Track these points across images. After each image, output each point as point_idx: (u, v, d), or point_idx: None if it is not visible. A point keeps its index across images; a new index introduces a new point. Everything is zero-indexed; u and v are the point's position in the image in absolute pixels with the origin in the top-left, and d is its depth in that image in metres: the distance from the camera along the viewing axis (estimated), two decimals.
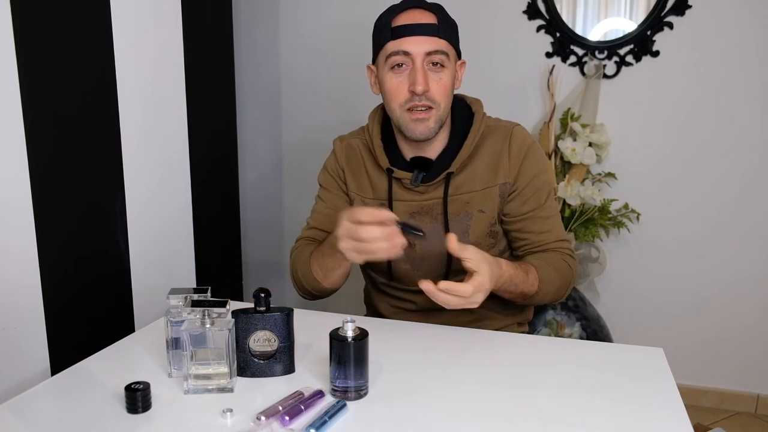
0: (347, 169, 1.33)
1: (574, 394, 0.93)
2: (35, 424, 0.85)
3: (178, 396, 0.92)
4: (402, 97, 1.18)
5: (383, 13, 1.21)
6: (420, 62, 1.15)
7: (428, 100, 1.17)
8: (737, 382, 2.23)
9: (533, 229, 1.25)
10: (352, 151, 1.33)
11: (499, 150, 1.24)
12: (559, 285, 1.23)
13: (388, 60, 1.18)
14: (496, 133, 1.26)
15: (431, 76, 1.17)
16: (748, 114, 2.05)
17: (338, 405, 0.87)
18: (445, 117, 1.21)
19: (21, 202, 1.28)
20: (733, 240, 2.13)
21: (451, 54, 1.19)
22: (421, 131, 1.19)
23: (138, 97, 1.56)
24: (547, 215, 1.26)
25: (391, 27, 1.17)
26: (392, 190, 1.27)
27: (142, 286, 1.62)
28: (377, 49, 1.21)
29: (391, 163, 1.26)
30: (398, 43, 1.16)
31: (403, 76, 1.17)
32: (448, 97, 1.20)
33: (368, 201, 1.30)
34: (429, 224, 1.25)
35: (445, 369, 1.01)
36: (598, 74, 2.08)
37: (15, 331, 1.29)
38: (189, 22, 1.72)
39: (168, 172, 1.71)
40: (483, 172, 1.24)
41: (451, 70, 1.20)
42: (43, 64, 1.30)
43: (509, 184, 1.24)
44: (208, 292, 0.99)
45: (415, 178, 1.24)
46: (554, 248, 1.26)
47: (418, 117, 1.17)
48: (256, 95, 2.50)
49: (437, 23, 1.16)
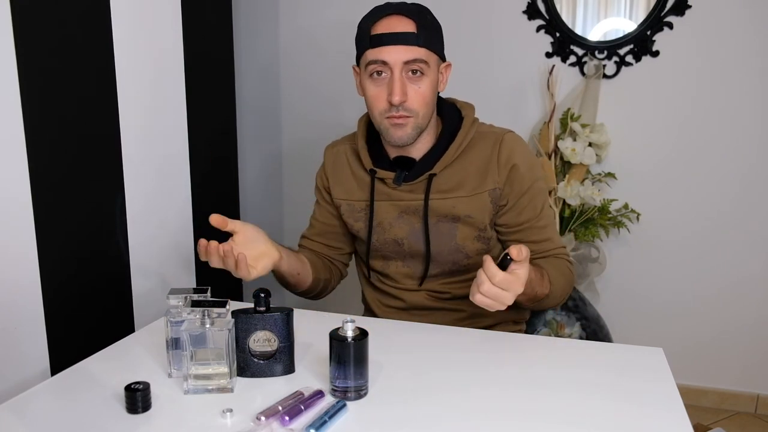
0: (332, 177, 1.36)
1: (573, 394, 0.93)
2: (35, 424, 0.85)
3: (178, 396, 0.92)
4: (381, 106, 1.19)
5: (364, 17, 1.21)
6: (398, 72, 1.15)
7: (405, 110, 1.18)
8: (737, 382, 2.23)
9: (532, 239, 1.26)
10: (339, 157, 1.36)
11: (488, 155, 1.25)
12: (565, 288, 1.25)
13: (367, 67, 1.19)
14: (486, 139, 1.26)
15: (409, 85, 1.17)
16: (748, 114, 2.05)
17: (338, 405, 0.87)
18: (424, 124, 1.22)
19: (21, 202, 1.28)
20: (733, 240, 2.13)
21: (431, 60, 1.19)
22: (399, 136, 1.20)
23: (138, 97, 1.56)
24: (544, 224, 1.28)
25: (369, 35, 1.17)
26: (375, 191, 1.29)
27: (142, 286, 1.62)
28: (359, 54, 1.23)
29: (376, 164, 1.28)
30: (376, 52, 1.16)
31: (382, 84, 1.18)
32: (427, 105, 1.20)
33: (355, 203, 1.32)
34: (415, 224, 1.27)
35: (445, 369, 1.01)
36: (597, 74, 2.08)
37: (15, 331, 1.29)
38: (189, 22, 1.72)
39: (168, 172, 1.71)
40: (472, 178, 1.25)
41: (432, 76, 1.20)
42: (43, 64, 1.30)
43: (499, 189, 1.24)
44: (208, 292, 0.99)
45: (398, 178, 1.25)
46: (556, 255, 1.27)
47: (396, 122, 1.19)
48: (256, 95, 2.50)
49: (416, 31, 1.16)
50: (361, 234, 1.33)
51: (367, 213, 1.31)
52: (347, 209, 1.34)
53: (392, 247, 1.31)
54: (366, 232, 1.32)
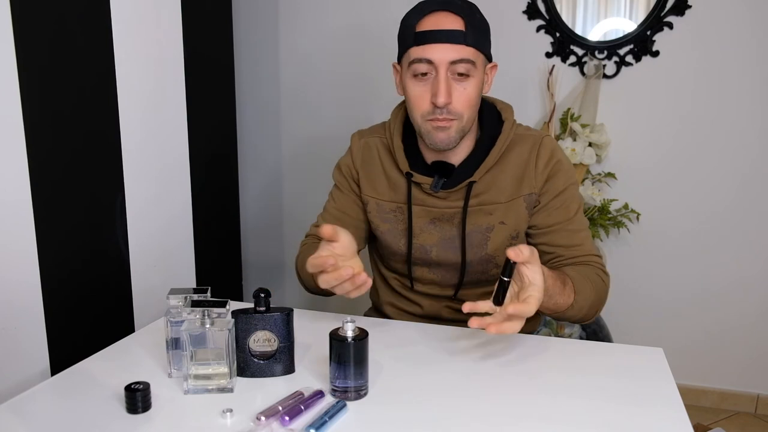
0: (362, 171, 1.29)
1: (573, 393, 0.93)
2: (35, 424, 0.85)
3: (178, 396, 0.92)
4: (424, 107, 1.13)
5: (410, 12, 1.14)
6: (444, 72, 1.09)
7: (450, 113, 1.11)
8: (737, 382, 2.23)
9: (562, 243, 1.20)
10: (369, 150, 1.29)
11: (526, 160, 1.20)
12: (594, 300, 1.15)
13: (410, 66, 1.12)
14: (524, 142, 1.21)
15: (455, 86, 1.11)
16: (747, 114, 2.05)
17: (338, 405, 0.87)
18: (468, 127, 1.16)
19: (21, 202, 1.28)
20: (733, 240, 2.13)
21: (478, 61, 1.13)
22: (442, 139, 1.14)
23: (138, 97, 1.56)
24: (577, 228, 1.20)
25: (415, 31, 1.10)
26: (411, 195, 1.23)
27: (142, 286, 1.62)
28: (401, 51, 1.16)
29: (412, 167, 1.22)
30: (421, 50, 1.10)
31: (425, 85, 1.12)
32: (472, 108, 1.15)
33: (384, 204, 1.27)
34: (448, 232, 1.23)
35: (445, 369, 1.01)
36: (597, 74, 2.08)
37: (15, 330, 1.29)
38: (189, 22, 1.72)
39: (168, 171, 1.71)
40: (509, 184, 1.20)
41: (478, 77, 1.14)
42: (42, 64, 1.30)
43: (535, 195, 1.20)
44: (208, 292, 0.99)
45: (435, 184, 1.19)
46: (586, 262, 1.19)
47: (439, 125, 1.12)
48: (256, 95, 2.50)
49: (464, 29, 1.09)
50: (388, 237, 1.27)
51: (397, 216, 1.25)
52: (375, 208, 1.28)
53: (418, 253, 1.25)
54: (398, 236, 1.26)
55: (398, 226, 1.26)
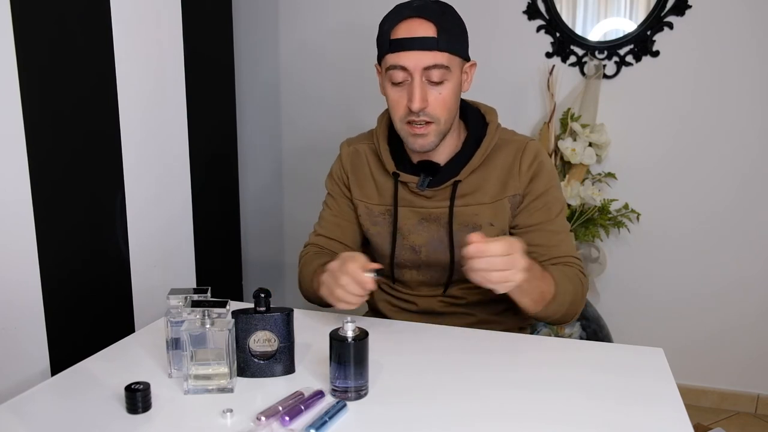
0: (351, 176, 1.32)
1: (574, 394, 0.93)
2: (35, 424, 0.85)
3: (178, 396, 0.92)
4: (401, 111, 1.16)
5: (385, 17, 1.16)
6: (418, 77, 1.12)
7: (426, 116, 1.14)
8: (737, 382, 2.23)
9: (541, 242, 1.21)
10: (358, 156, 1.33)
11: (511, 163, 1.23)
12: (574, 297, 1.18)
13: (387, 72, 1.16)
14: (509, 146, 1.24)
15: (430, 90, 1.14)
16: (747, 114, 2.05)
17: (338, 405, 0.87)
18: (446, 129, 1.19)
19: (21, 201, 1.28)
20: (733, 240, 2.13)
21: (453, 64, 1.15)
22: (421, 144, 1.18)
23: (138, 96, 1.56)
24: (557, 230, 1.23)
25: (389, 38, 1.14)
26: (398, 195, 1.26)
27: (142, 286, 1.62)
28: (379, 55, 1.19)
29: (398, 167, 1.25)
30: (396, 57, 1.13)
31: (402, 90, 1.15)
32: (449, 110, 1.17)
33: (373, 207, 1.30)
34: (436, 232, 1.25)
35: (444, 369, 1.01)
36: (598, 74, 2.08)
37: (15, 330, 1.29)
38: (189, 22, 1.72)
39: (168, 171, 1.71)
40: (494, 185, 1.23)
41: (454, 80, 1.16)
42: (43, 64, 1.30)
43: (519, 195, 1.23)
44: (208, 293, 0.99)
45: (422, 182, 1.22)
46: (565, 262, 1.21)
47: (416, 132, 1.16)
48: (256, 95, 2.50)
49: (436, 36, 1.11)
50: (378, 239, 1.30)
51: (386, 218, 1.28)
52: (365, 211, 1.31)
53: (408, 254, 1.28)
54: (387, 237, 1.28)
55: (388, 229, 1.29)
